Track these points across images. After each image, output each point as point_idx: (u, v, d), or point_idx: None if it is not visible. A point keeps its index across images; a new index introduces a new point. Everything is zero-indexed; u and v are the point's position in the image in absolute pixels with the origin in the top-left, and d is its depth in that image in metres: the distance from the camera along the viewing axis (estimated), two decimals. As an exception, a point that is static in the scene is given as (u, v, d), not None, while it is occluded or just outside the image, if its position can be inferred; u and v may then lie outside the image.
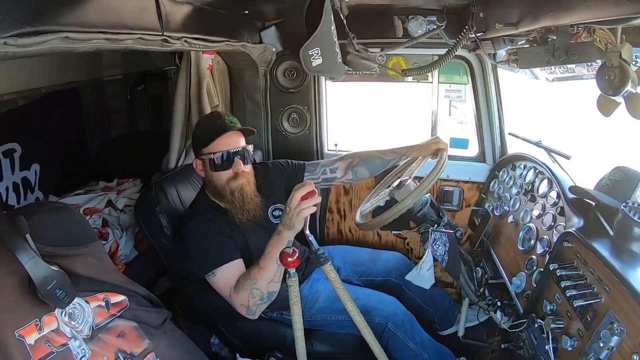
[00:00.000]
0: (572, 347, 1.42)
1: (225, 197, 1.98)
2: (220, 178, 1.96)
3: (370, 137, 6.97)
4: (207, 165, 1.97)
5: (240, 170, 1.96)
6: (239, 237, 2.02)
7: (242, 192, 1.97)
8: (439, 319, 2.48)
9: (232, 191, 1.96)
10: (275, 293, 1.82)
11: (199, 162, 2.00)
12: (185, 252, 2.00)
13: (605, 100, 1.38)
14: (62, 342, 1.27)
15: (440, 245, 2.09)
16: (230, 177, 1.95)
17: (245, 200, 1.99)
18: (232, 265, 1.88)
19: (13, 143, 2.48)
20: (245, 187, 1.98)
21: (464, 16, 2.10)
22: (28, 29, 0.95)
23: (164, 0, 1.46)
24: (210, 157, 1.93)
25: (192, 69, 2.38)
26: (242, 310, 1.83)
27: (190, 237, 1.97)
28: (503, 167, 2.60)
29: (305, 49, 1.50)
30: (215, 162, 1.93)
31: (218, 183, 1.97)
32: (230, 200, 1.98)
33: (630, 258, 1.43)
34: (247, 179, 2.00)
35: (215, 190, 2.00)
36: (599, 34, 1.37)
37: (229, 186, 1.96)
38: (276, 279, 1.78)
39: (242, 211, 1.99)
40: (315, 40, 1.50)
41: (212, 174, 1.96)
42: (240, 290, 1.81)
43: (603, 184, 1.79)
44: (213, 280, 1.88)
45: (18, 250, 1.16)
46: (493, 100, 2.64)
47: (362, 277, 2.45)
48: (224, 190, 1.96)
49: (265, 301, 1.81)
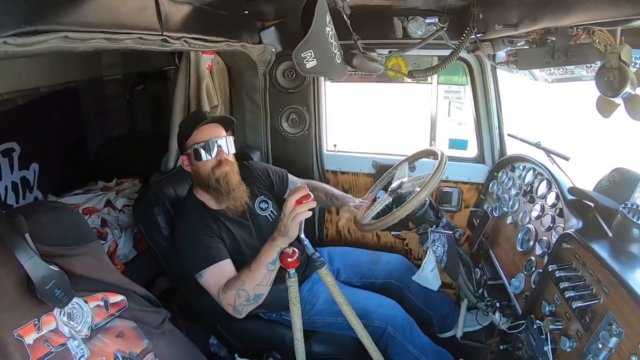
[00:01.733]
0: (571, 348, 1.42)
1: (211, 186, 2.01)
2: (205, 167, 2.00)
3: (369, 137, 6.96)
4: (191, 157, 2.02)
5: (224, 158, 2.01)
6: (227, 234, 2.06)
7: (227, 179, 2.01)
8: (438, 322, 2.48)
9: (217, 179, 2.00)
10: (263, 295, 1.83)
11: (184, 157, 2.06)
12: (177, 251, 2.02)
13: (605, 101, 1.38)
14: (60, 342, 1.27)
15: (439, 246, 2.10)
16: (214, 165, 2.00)
17: (231, 187, 2.03)
18: (219, 267, 1.90)
19: (12, 142, 2.48)
20: (229, 174, 2.02)
21: (463, 17, 2.10)
22: (27, 29, 0.95)
23: (164, 0, 1.46)
24: (194, 148, 1.99)
25: (192, 69, 2.38)
26: (229, 309, 1.84)
27: (179, 238, 2.00)
28: (502, 168, 2.60)
29: (297, 51, 1.51)
30: (198, 151, 1.99)
31: (203, 172, 2.01)
32: (216, 188, 2.01)
33: (629, 259, 1.43)
34: (230, 167, 2.04)
35: (201, 180, 2.03)
36: (598, 35, 1.37)
37: (213, 174, 2.00)
38: (264, 282, 1.79)
39: (229, 199, 2.03)
40: (308, 42, 1.51)
41: (197, 164, 2.01)
42: (228, 290, 1.82)
43: (602, 186, 1.79)
44: (202, 281, 1.91)
45: (17, 250, 1.16)
46: (492, 101, 2.65)
47: (362, 279, 2.45)
48: (209, 179, 2.00)
49: (252, 302, 1.82)
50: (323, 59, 1.55)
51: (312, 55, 1.52)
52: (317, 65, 1.54)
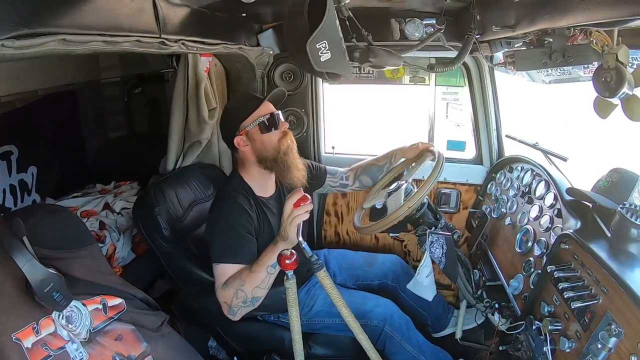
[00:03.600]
0: (570, 349, 1.43)
1: (278, 158, 2.01)
2: (272, 139, 2.00)
3: (368, 139, 6.96)
4: (255, 133, 2.00)
5: (287, 129, 2.05)
6: (265, 224, 2.06)
7: (292, 151, 2.04)
8: (432, 322, 2.49)
9: (284, 151, 2.01)
10: (260, 299, 1.82)
11: (240, 137, 2.01)
12: (208, 228, 2.03)
13: (602, 102, 1.39)
14: (59, 346, 1.27)
15: (437, 248, 2.10)
16: (280, 137, 2.01)
17: (295, 159, 2.05)
18: (238, 267, 1.87)
19: (10, 145, 2.47)
20: (292, 146, 2.05)
21: (460, 19, 2.11)
22: (25, 31, 0.94)
23: (162, 3, 1.46)
24: (260, 121, 1.98)
25: (190, 72, 2.38)
26: (224, 308, 1.83)
27: (218, 218, 1.99)
28: (500, 170, 2.60)
29: (312, 42, 1.41)
30: (265, 123, 1.98)
31: (270, 145, 2.00)
32: (283, 161, 2.01)
33: (628, 259, 1.43)
34: (291, 138, 2.06)
35: (266, 154, 2.01)
36: (595, 36, 1.37)
37: (280, 144, 2.00)
38: (263, 285, 1.78)
39: (293, 172, 2.04)
40: (322, 33, 1.41)
41: (263, 137, 1.99)
42: (227, 288, 1.81)
43: (600, 186, 1.80)
44: (215, 267, 1.89)
45: (15, 253, 1.16)
46: (490, 102, 2.65)
47: (358, 282, 2.46)
48: (276, 151, 2.00)
49: (249, 305, 1.81)
50: (336, 52, 1.46)
51: (327, 47, 1.43)
52: (330, 59, 1.45)
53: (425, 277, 2.15)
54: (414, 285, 2.19)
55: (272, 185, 2.14)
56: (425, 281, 2.16)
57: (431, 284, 2.18)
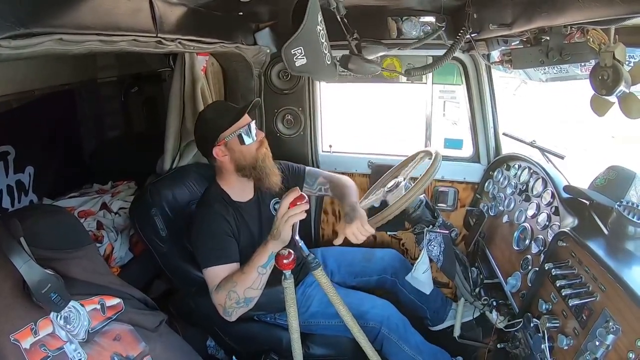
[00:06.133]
0: (568, 346, 1.43)
1: (257, 166, 2.03)
2: (250, 150, 2.02)
3: (365, 137, 6.97)
4: (234, 144, 2.01)
5: (262, 138, 2.07)
6: (243, 228, 2.07)
7: (268, 158, 2.08)
8: (431, 315, 2.50)
9: (262, 159, 2.04)
10: (254, 299, 1.82)
11: (219, 148, 2.01)
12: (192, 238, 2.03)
13: (599, 100, 1.39)
14: (57, 346, 1.27)
15: (435, 246, 2.10)
16: (257, 147, 2.04)
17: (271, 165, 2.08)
18: (225, 268, 1.88)
19: (7, 145, 2.46)
20: (267, 153, 2.08)
21: (458, 17, 2.11)
22: (22, 31, 0.94)
23: (158, 2, 1.45)
24: (238, 133, 1.99)
25: (187, 71, 2.38)
26: (220, 309, 1.83)
27: (198, 228, 2.00)
28: (497, 168, 2.61)
29: (287, 47, 1.47)
30: (243, 136, 1.99)
31: (249, 155, 2.02)
32: (262, 168, 2.04)
33: (625, 256, 1.44)
34: (266, 145, 2.09)
35: (246, 164, 2.03)
36: (592, 34, 1.37)
37: (258, 154, 2.03)
38: (255, 286, 1.77)
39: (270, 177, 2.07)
40: (298, 40, 1.47)
41: (242, 148, 2.01)
42: (220, 290, 1.82)
43: (597, 183, 1.80)
44: (205, 273, 1.90)
45: (12, 254, 1.15)
46: (487, 100, 2.66)
47: (357, 278, 2.46)
48: (255, 160, 2.03)
49: (242, 305, 1.80)
50: (313, 58, 1.51)
51: (302, 53, 1.48)
52: (306, 64, 1.50)
53: (422, 273, 2.16)
54: (411, 278, 2.21)
55: (250, 191, 2.15)
56: (421, 277, 2.16)
57: (428, 279, 2.19)
